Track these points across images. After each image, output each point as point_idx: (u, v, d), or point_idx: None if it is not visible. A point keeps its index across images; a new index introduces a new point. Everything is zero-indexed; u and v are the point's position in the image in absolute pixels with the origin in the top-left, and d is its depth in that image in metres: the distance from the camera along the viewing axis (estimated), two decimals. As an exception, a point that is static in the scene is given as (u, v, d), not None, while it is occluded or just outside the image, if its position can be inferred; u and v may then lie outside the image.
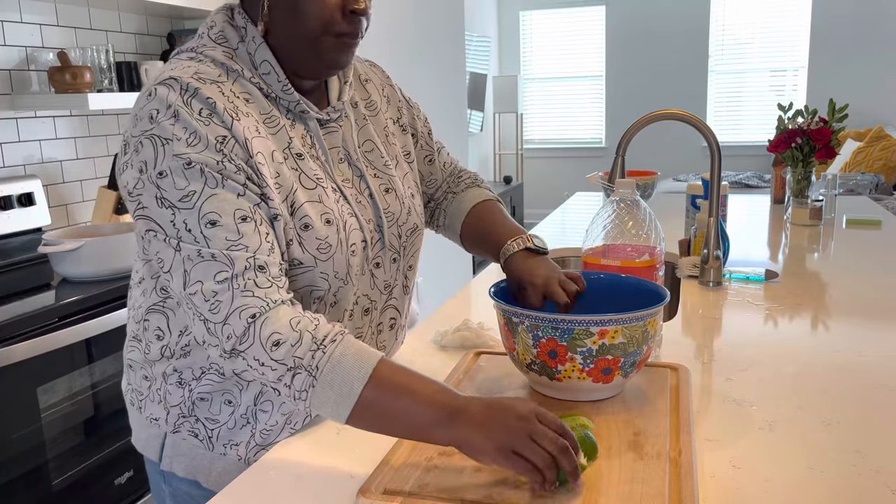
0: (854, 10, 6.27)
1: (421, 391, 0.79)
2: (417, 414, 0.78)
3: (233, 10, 0.96)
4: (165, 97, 0.84)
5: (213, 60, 0.91)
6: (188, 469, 1.00)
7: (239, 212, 0.83)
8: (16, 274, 2.01)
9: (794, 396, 1.04)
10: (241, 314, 0.81)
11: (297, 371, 0.80)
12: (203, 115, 0.84)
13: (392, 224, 1.03)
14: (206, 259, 0.82)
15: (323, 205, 0.92)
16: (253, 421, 0.96)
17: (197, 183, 0.82)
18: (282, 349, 0.80)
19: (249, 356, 0.81)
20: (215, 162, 0.83)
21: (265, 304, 0.81)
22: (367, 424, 0.80)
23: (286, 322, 0.81)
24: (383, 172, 1.04)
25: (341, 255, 0.93)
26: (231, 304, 0.81)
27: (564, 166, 7.43)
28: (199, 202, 0.82)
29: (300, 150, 0.93)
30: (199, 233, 0.82)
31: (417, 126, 1.18)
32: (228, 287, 0.81)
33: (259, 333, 0.80)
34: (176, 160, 0.82)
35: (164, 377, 0.98)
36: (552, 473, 0.74)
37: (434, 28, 3.84)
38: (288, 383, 0.80)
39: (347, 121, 1.02)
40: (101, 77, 2.37)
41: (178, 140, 0.83)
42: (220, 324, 0.81)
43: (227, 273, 0.81)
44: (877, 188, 5.08)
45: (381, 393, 0.79)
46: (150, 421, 1.01)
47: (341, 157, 1.00)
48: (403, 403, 0.78)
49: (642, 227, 1.21)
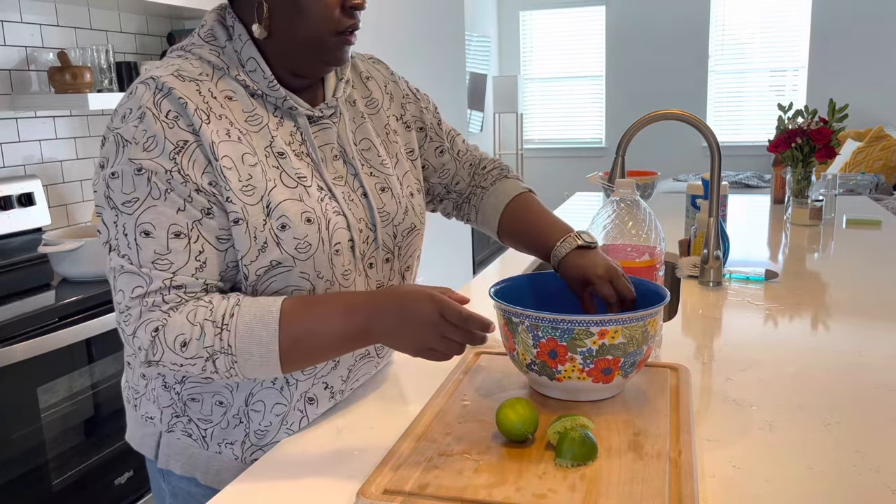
0: (854, 10, 6.27)
1: (330, 320, 0.86)
2: (336, 341, 0.87)
3: (224, 9, 0.97)
4: (140, 97, 0.87)
5: (199, 58, 0.93)
6: (185, 467, 1.00)
7: (174, 227, 0.86)
8: (16, 274, 2.01)
9: (794, 396, 1.04)
10: (146, 328, 0.85)
11: (214, 357, 0.85)
12: (169, 118, 0.86)
13: (387, 223, 1.02)
14: (129, 272, 0.86)
15: (304, 203, 0.92)
16: (246, 420, 0.96)
17: (141, 190, 0.85)
18: (191, 347, 0.85)
19: (166, 362, 0.86)
20: (164, 171, 0.85)
21: (166, 316, 0.85)
22: (301, 365, 0.88)
23: (184, 320, 0.85)
24: (380, 171, 1.03)
25: (323, 254, 0.92)
26: (139, 319, 0.86)
27: (564, 166, 7.43)
28: (138, 210, 0.85)
29: (282, 149, 0.93)
30: (133, 240, 0.85)
31: (426, 118, 1.17)
32: (139, 303, 0.85)
33: (164, 342, 0.85)
34: (129, 164, 0.85)
35: (151, 379, 0.99)
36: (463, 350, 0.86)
37: (434, 28, 3.84)
38: (212, 370, 0.86)
39: (342, 118, 1.02)
40: (101, 77, 2.37)
41: (136, 144, 0.85)
42: (130, 336, 0.87)
43: (142, 290, 0.86)
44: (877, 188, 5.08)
45: (296, 337, 0.86)
46: (145, 419, 1.01)
47: (335, 155, 0.99)
48: (321, 338, 0.86)
49: (642, 227, 1.21)
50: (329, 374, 1.00)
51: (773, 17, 6.55)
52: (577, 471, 0.81)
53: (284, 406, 0.96)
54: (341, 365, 1.01)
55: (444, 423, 0.93)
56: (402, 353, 0.90)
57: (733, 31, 6.69)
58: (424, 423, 0.93)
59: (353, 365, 1.03)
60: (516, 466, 0.82)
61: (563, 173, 7.42)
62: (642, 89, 7.04)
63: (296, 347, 0.86)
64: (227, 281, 0.91)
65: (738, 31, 6.68)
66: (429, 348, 0.85)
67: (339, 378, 1.02)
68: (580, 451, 0.82)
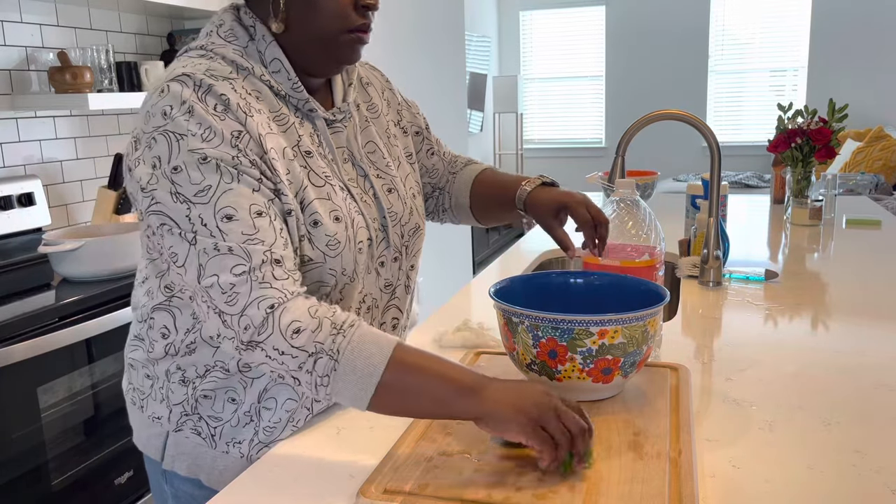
0: (854, 11, 6.27)
1: (441, 368, 0.81)
2: (439, 389, 0.80)
3: (239, 9, 0.97)
4: (179, 93, 0.85)
5: (223, 58, 0.92)
6: (190, 468, 1.00)
7: (255, 206, 0.84)
8: (16, 274, 2.01)
9: (794, 396, 1.04)
10: (259, 304, 0.81)
11: (318, 356, 0.81)
12: (218, 111, 0.85)
13: (395, 224, 1.04)
14: (222, 252, 0.82)
15: (332, 202, 0.93)
16: (256, 418, 0.96)
17: (212, 178, 0.83)
18: (302, 336, 0.81)
19: (269, 346, 0.81)
20: (230, 157, 0.84)
21: (283, 295, 0.82)
22: (389, 405, 0.82)
23: (304, 310, 0.82)
24: (385, 173, 1.05)
25: (349, 252, 0.94)
26: (249, 296, 0.81)
27: (564, 166, 7.43)
28: (214, 197, 0.83)
29: (309, 148, 0.94)
30: (216, 227, 0.82)
31: (420, 123, 1.21)
32: (247, 279, 0.82)
33: (279, 322, 0.81)
34: (191, 155, 0.83)
35: (167, 375, 0.98)
36: (564, 453, 0.78)
37: (434, 28, 3.84)
38: (310, 369, 0.81)
39: (352, 122, 1.03)
40: (101, 77, 2.37)
41: (193, 135, 0.83)
42: (237, 315, 0.82)
43: (244, 266, 0.82)
44: (877, 188, 5.08)
45: (402, 373, 0.80)
46: (152, 420, 1.01)
47: (345, 158, 1.01)
48: (424, 381, 0.80)
49: (642, 227, 1.21)
50: None
51: (773, 17, 6.55)
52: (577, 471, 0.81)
53: (295, 402, 0.97)
54: None
55: (444, 423, 0.93)
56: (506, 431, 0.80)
57: (733, 31, 6.69)
58: (424, 423, 0.94)
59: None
60: (516, 466, 0.82)
61: (563, 173, 7.42)
62: (642, 89, 7.04)
63: (398, 383, 0.80)
64: None
65: (738, 31, 6.68)
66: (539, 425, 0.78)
67: None
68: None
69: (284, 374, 0.83)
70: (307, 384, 0.82)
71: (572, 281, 1.13)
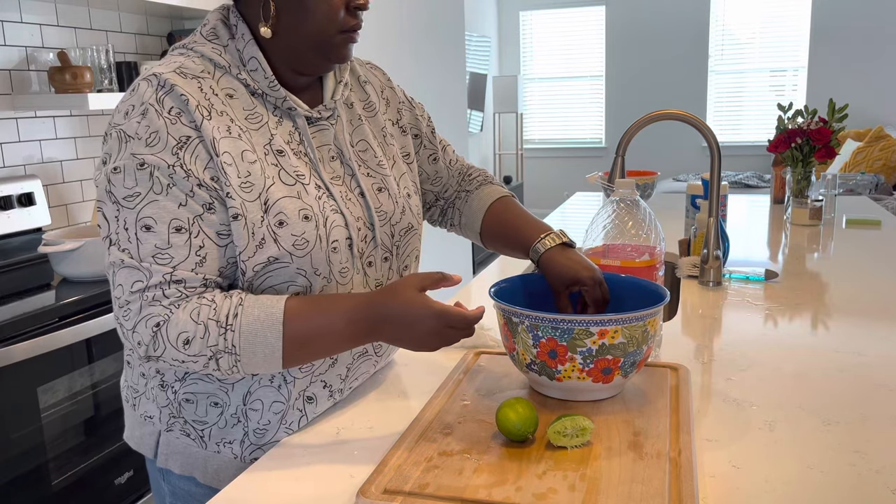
0: (854, 10, 6.27)
1: (333, 323, 0.89)
2: (338, 343, 0.89)
3: (228, 9, 0.98)
4: (142, 93, 0.88)
5: (200, 56, 0.94)
6: (183, 466, 1.00)
7: (175, 221, 0.87)
8: (16, 274, 2.01)
9: (794, 396, 1.04)
10: (146, 323, 0.86)
11: (218, 356, 0.86)
12: (172, 114, 0.87)
13: (384, 223, 1.03)
14: (128, 266, 0.86)
15: (301, 201, 0.93)
16: (244, 420, 0.96)
17: (143, 185, 0.86)
18: (194, 345, 0.85)
19: (168, 358, 0.87)
20: (167, 165, 0.86)
21: (168, 311, 0.86)
22: (302, 363, 0.90)
23: (187, 318, 0.86)
24: (377, 172, 1.05)
25: (320, 251, 0.93)
26: (139, 314, 0.86)
27: (564, 166, 7.43)
28: (140, 204, 0.86)
29: (282, 147, 0.94)
30: (134, 234, 0.86)
31: (421, 126, 1.19)
32: (139, 297, 0.86)
33: (167, 337, 0.86)
34: (131, 159, 0.86)
35: (150, 378, 0.99)
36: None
37: (434, 28, 3.84)
38: (215, 368, 0.87)
39: (339, 120, 1.03)
40: (102, 77, 2.37)
41: (139, 139, 0.86)
42: (130, 331, 0.87)
43: (142, 284, 0.86)
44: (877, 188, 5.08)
45: (299, 340, 0.87)
46: (144, 418, 1.01)
47: (333, 155, 1.01)
48: (323, 342, 0.89)
49: (642, 227, 1.21)
50: (327, 372, 1.00)
51: (773, 17, 6.55)
52: (577, 471, 0.81)
53: (283, 405, 0.96)
54: (339, 363, 1.02)
55: (444, 423, 0.93)
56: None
57: (733, 31, 6.69)
58: (424, 423, 0.93)
59: (351, 363, 1.04)
60: (516, 466, 0.82)
61: (563, 173, 7.42)
62: (642, 89, 7.04)
63: (298, 349, 0.88)
64: (227, 277, 0.92)
65: (738, 31, 6.68)
66: (431, 348, 0.90)
67: (338, 377, 1.02)
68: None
69: (198, 373, 0.90)
70: (221, 377, 0.90)
71: (572, 281, 1.13)
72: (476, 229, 1.21)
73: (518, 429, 0.86)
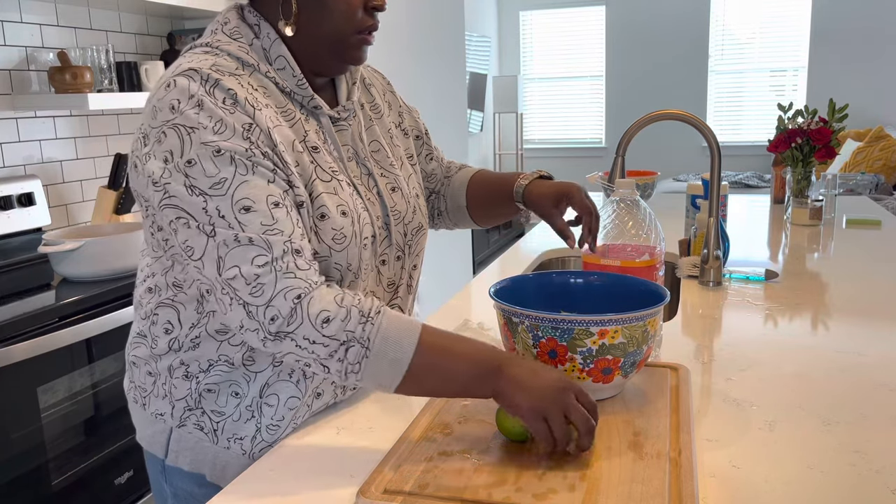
0: (854, 10, 6.27)
1: (465, 350, 0.86)
2: (463, 372, 0.85)
3: (243, 8, 0.98)
4: (187, 87, 0.85)
5: (228, 54, 0.92)
6: (193, 463, 1.01)
7: (271, 197, 0.85)
8: (16, 274, 2.01)
9: (794, 396, 1.04)
10: (286, 295, 0.82)
11: (350, 344, 0.83)
12: (227, 104, 0.85)
13: (398, 222, 1.05)
14: (242, 244, 0.82)
15: (339, 196, 0.94)
16: (258, 414, 0.97)
17: (227, 170, 0.83)
18: (333, 325, 0.83)
19: (298, 336, 0.83)
20: (244, 149, 0.84)
21: (308, 285, 0.83)
22: (414, 387, 0.86)
23: (331, 299, 0.84)
24: (389, 172, 1.06)
25: (355, 246, 0.94)
26: (275, 286, 0.82)
27: (564, 166, 7.43)
28: (231, 189, 0.83)
29: (316, 143, 0.95)
30: (234, 219, 0.83)
31: (420, 128, 1.22)
32: (270, 270, 0.82)
33: (307, 312, 0.82)
34: (204, 148, 0.83)
35: (170, 371, 0.98)
36: (563, 447, 0.83)
37: (434, 28, 3.84)
38: (341, 357, 0.83)
39: (356, 120, 1.04)
40: (101, 77, 2.37)
41: (205, 128, 0.83)
42: (263, 306, 0.82)
43: (266, 257, 0.82)
44: (877, 188, 5.08)
45: (429, 356, 0.84)
46: (155, 417, 1.01)
47: (349, 156, 1.02)
48: (450, 363, 0.85)
49: (642, 227, 1.21)
50: None
51: (773, 17, 6.55)
52: (577, 471, 0.81)
53: (298, 400, 0.97)
54: None
55: (444, 423, 0.93)
56: (511, 413, 0.85)
57: (733, 31, 6.69)
58: (424, 422, 0.94)
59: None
60: (516, 466, 0.82)
61: (563, 173, 7.42)
62: (642, 89, 7.04)
63: (424, 368, 0.84)
64: None
65: (738, 31, 6.68)
66: (544, 417, 0.82)
67: None
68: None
69: (312, 363, 0.85)
70: (336, 371, 0.84)
71: (572, 281, 1.13)
72: (462, 203, 1.25)
73: (518, 429, 0.86)
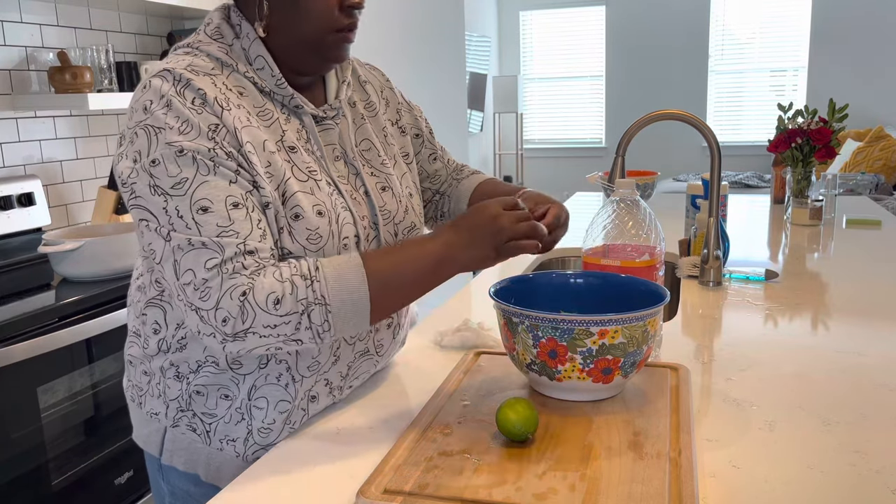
0: (854, 11, 6.27)
1: (410, 255, 0.90)
2: (419, 273, 0.90)
3: (229, 8, 0.98)
4: (159, 88, 0.87)
5: (207, 55, 0.94)
6: (187, 463, 1.01)
7: (230, 198, 0.85)
8: (16, 274, 2.01)
9: (794, 396, 1.04)
10: (231, 295, 0.83)
11: (309, 310, 0.84)
12: (195, 104, 0.86)
13: (388, 222, 1.04)
14: (195, 247, 0.83)
15: (315, 196, 0.93)
16: (248, 417, 0.96)
17: (189, 170, 0.84)
18: (285, 303, 0.84)
19: (258, 327, 0.84)
20: (207, 149, 0.85)
21: (251, 281, 0.84)
22: (385, 310, 0.90)
23: (272, 280, 0.84)
24: (380, 171, 1.05)
25: (332, 247, 0.94)
26: (221, 289, 0.83)
27: (564, 166, 7.42)
28: (190, 189, 0.84)
29: (293, 143, 0.95)
30: (191, 219, 0.84)
31: (421, 126, 1.21)
32: (217, 273, 0.83)
33: (256, 303, 0.83)
34: (168, 148, 0.84)
35: (162, 371, 0.99)
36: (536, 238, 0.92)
37: (434, 28, 3.84)
38: (307, 325, 0.85)
39: (344, 119, 1.04)
40: (101, 77, 2.37)
41: (171, 128, 0.85)
42: (212, 310, 0.83)
43: (216, 259, 0.83)
44: (877, 188, 5.07)
45: (382, 279, 0.88)
46: (150, 416, 1.02)
47: (337, 155, 1.01)
48: (402, 276, 0.89)
49: (642, 227, 1.21)
50: (329, 370, 1.00)
51: (773, 17, 6.55)
52: (577, 471, 0.81)
53: (289, 404, 0.97)
54: (341, 361, 1.02)
55: (444, 423, 0.93)
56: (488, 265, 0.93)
57: (733, 31, 6.69)
58: (424, 423, 0.94)
59: (352, 362, 1.04)
60: (516, 466, 0.82)
61: (563, 173, 7.42)
62: (642, 89, 7.03)
63: (384, 288, 0.88)
64: None
65: (738, 31, 6.68)
66: (506, 239, 0.90)
67: (339, 374, 1.02)
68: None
69: (283, 344, 0.85)
70: (310, 339, 0.86)
71: (572, 281, 1.13)
72: (463, 208, 1.24)
73: (518, 429, 0.86)
